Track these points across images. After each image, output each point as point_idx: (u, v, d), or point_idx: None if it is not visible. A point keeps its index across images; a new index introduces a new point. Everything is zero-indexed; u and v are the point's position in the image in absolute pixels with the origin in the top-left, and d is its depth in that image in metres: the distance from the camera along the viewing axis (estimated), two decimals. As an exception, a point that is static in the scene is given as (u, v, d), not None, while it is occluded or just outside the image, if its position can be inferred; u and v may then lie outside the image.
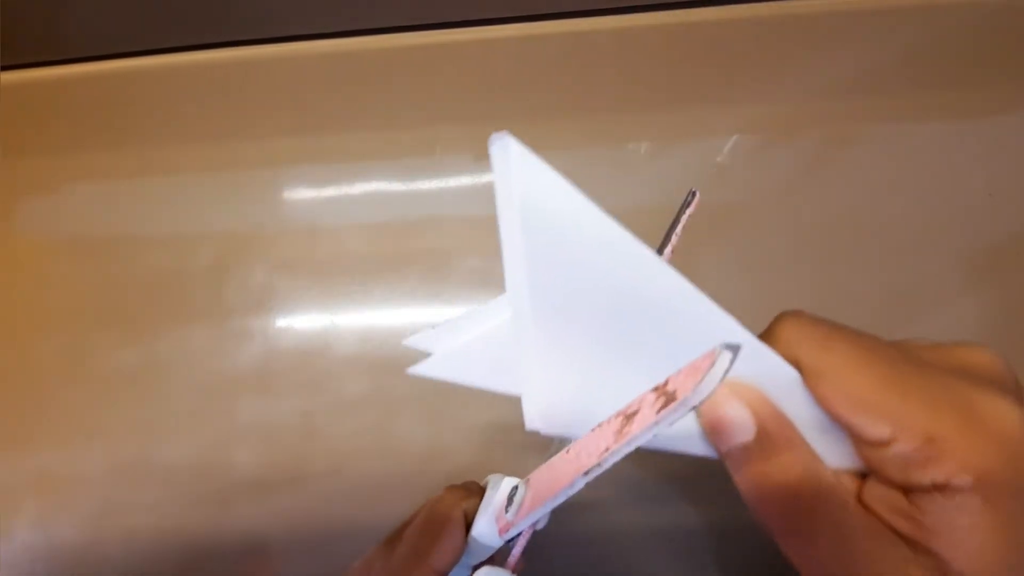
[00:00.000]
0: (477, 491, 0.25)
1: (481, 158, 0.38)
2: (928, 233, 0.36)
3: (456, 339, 0.17)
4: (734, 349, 0.13)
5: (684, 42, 0.39)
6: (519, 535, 0.20)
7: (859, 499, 0.16)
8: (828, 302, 0.35)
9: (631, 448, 0.14)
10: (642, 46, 0.39)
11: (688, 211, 0.18)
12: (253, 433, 0.35)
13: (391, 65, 0.40)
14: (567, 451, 0.17)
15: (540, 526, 0.21)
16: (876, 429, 0.15)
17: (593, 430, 0.16)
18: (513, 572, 0.21)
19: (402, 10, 0.39)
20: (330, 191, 0.39)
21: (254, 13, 0.39)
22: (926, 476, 0.14)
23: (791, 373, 0.16)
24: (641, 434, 0.14)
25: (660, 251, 0.18)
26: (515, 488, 0.21)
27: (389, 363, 0.35)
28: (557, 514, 0.33)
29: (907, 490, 0.15)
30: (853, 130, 0.37)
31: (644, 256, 0.15)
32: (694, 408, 0.13)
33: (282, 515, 0.34)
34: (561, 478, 0.16)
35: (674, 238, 0.18)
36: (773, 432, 0.16)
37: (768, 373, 0.16)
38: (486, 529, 0.22)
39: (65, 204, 0.40)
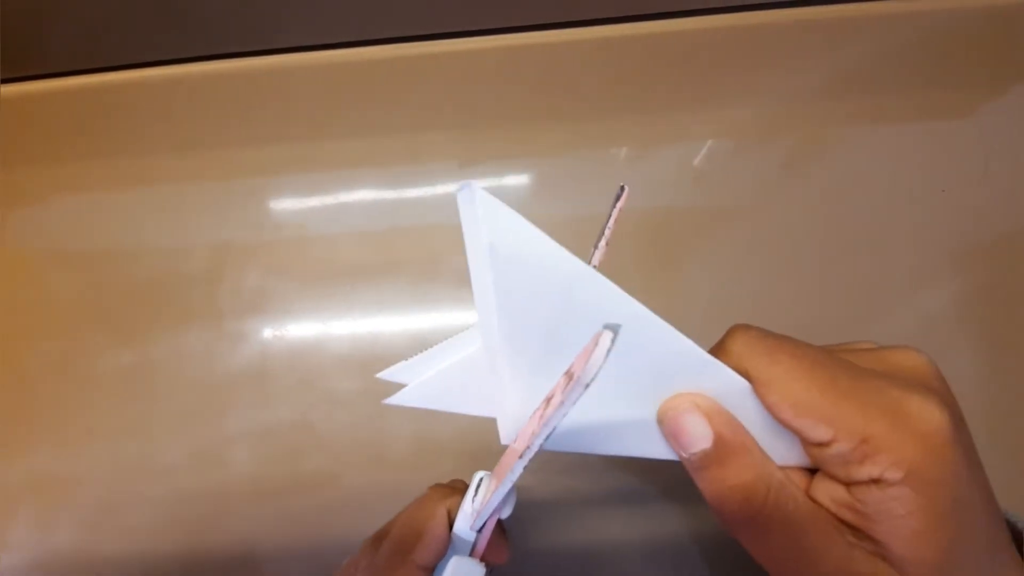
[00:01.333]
0: (461, 489, 0.25)
1: (466, 165, 0.39)
2: (900, 230, 0.37)
3: (427, 370, 0.18)
4: (614, 329, 0.14)
5: (661, 51, 0.40)
6: (483, 526, 0.21)
7: (808, 493, 0.18)
8: (803, 302, 0.36)
9: (549, 429, 0.15)
10: (621, 55, 0.40)
11: (618, 204, 0.19)
12: (249, 433, 0.36)
13: (378, 76, 0.41)
14: (514, 441, 0.18)
15: (504, 515, 0.21)
16: (817, 432, 0.16)
17: (529, 419, 0.17)
18: (481, 561, 0.21)
19: (388, 23, 0.40)
20: (319, 198, 0.40)
21: (243, 26, 0.39)
22: (863, 472, 0.16)
23: (742, 383, 0.18)
24: (554, 415, 0.15)
25: (596, 245, 0.19)
26: (481, 479, 0.21)
27: (380, 362, 0.36)
28: (549, 523, 0.34)
29: (848, 484, 0.16)
30: (823, 133, 0.39)
31: (602, 284, 0.16)
32: (587, 386, 0.14)
33: (279, 514, 0.35)
34: (507, 465, 0.18)
35: (607, 232, 0.19)
36: (728, 440, 0.17)
37: (722, 384, 0.18)
38: (463, 523, 0.22)
39: (57, 213, 0.41)
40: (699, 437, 0.17)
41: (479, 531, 0.21)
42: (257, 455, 0.36)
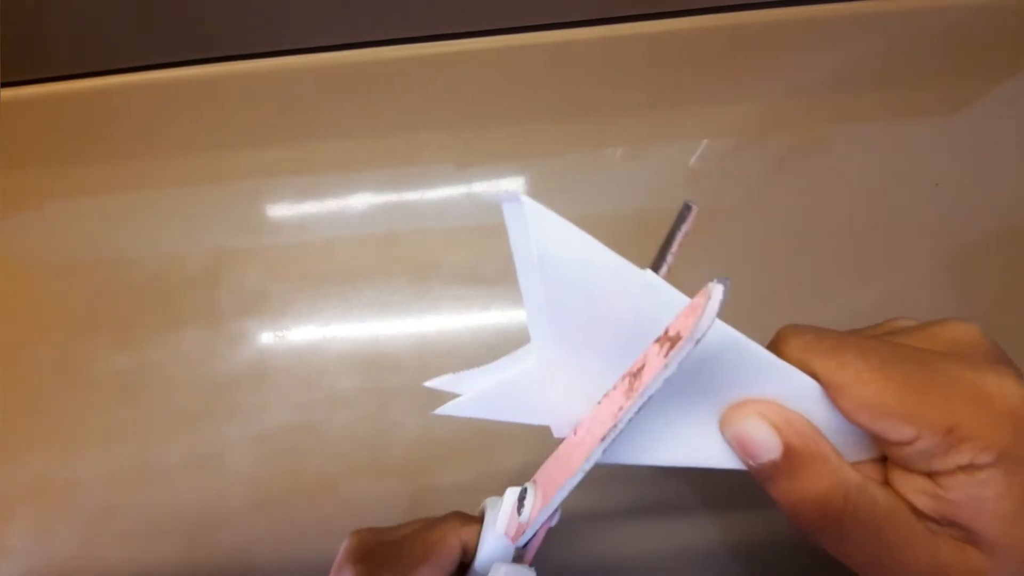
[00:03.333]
0: (476, 521, 0.24)
1: (463, 166, 0.40)
2: (895, 226, 0.37)
3: (480, 383, 0.18)
4: (725, 282, 0.14)
5: (656, 51, 0.40)
6: (533, 537, 0.20)
7: (887, 484, 0.17)
8: (801, 299, 0.36)
9: (645, 399, 0.15)
10: (617, 56, 0.40)
11: (684, 226, 0.18)
12: (249, 434, 0.36)
13: (374, 77, 0.41)
14: (574, 434, 0.18)
15: (554, 522, 0.20)
16: (900, 433, 0.16)
17: (598, 404, 0.17)
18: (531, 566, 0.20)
19: (384, 25, 0.40)
20: (318, 199, 0.40)
21: (240, 29, 0.39)
22: (950, 462, 0.15)
23: (812, 385, 0.17)
24: (653, 381, 0.14)
25: (656, 268, 0.18)
26: (523, 490, 0.20)
27: (379, 360, 0.36)
28: (571, 538, 0.34)
29: (930, 473, 0.16)
30: (818, 131, 0.39)
31: (651, 283, 0.16)
32: (697, 342, 0.13)
33: (279, 517, 0.35)
34: (573, 460, 0.17)
35: (670, 257, 0.18)
36: (798, 448, 0.17)
37: (791, 388, 0.17)
38: (495, 546, 0.21)
39: (54, 217, 0.40)
40: (767, 447, 0.17)
41: (524, 545, 0.20)
42: (257, 457, 0.35)
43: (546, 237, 0.15)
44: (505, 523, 0.21)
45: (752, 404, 0.17)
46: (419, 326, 0.37)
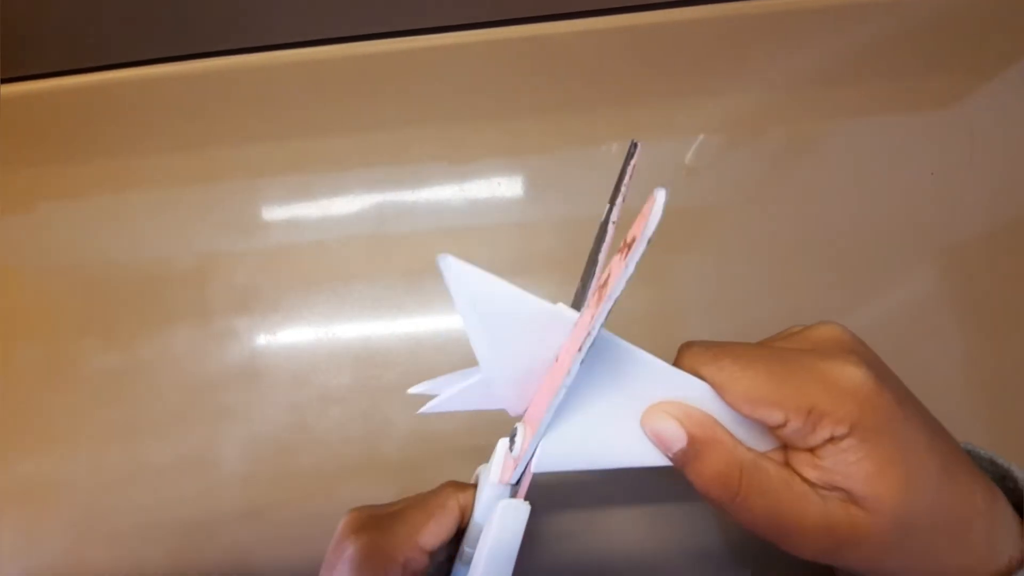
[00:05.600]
0: (471, 487, 0.25)
1: (455, 163, 0.39)
2: (890, 219, 0.37)
3: (451, 386, 0.22)
4: (665, 189, 0.17)
5: (651, 44, 0.40)
6: (525, 471, 0.22)
7: (787, 464, 0.21)
8: (797, 294, 0.36)
9: (614, 299, 0.17)
10: (611, 48, 0.40)
11: (632, 162, 0.21)
12: (239, 433, 0.36)
13: (366, 72, 0.41)
14: (555, 360, 0.20)
15: (534, 467, 0.22)
16: (772, 417, 0.19)
17: (573, 330, 0.20)
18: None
19: (375, 19, 0.40)
20: (309, 197, 0.39)
21: (232, 24, 0.39)
22: (818, 437, 0.19)
23: (702, 385, 0.21)
24: (618, 282, 0.17)
25: (611, 201, 0.21)
26: (513, 431, 0.23)
27: (371, 357, 0.36)
28: (572, 537, 0.33)
29: (812, 450, 0.20)
30: (814, 124, 0.39)
31: (560, 312, 0.20)
32: (649, 241, 0.17)
33: (272, 516, 0.35)
34: (556, 381, 0.19)
35: (623, 189, 0.21)
36: (698, 436, 0.20)
37: (693, 390, 0.21)
38: (491, 495, 0.23)
39: (43, 215, 0.40)
40: (676, 438, 0.20)
41: (518, 482, 0.23)
42: (249, 456, 0.35)
43: (475, 286, 0.19)
44: (499, 471, 0.23)
45: (661, 405, 0.21)
46: (411, 323, 0.37)
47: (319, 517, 0.35)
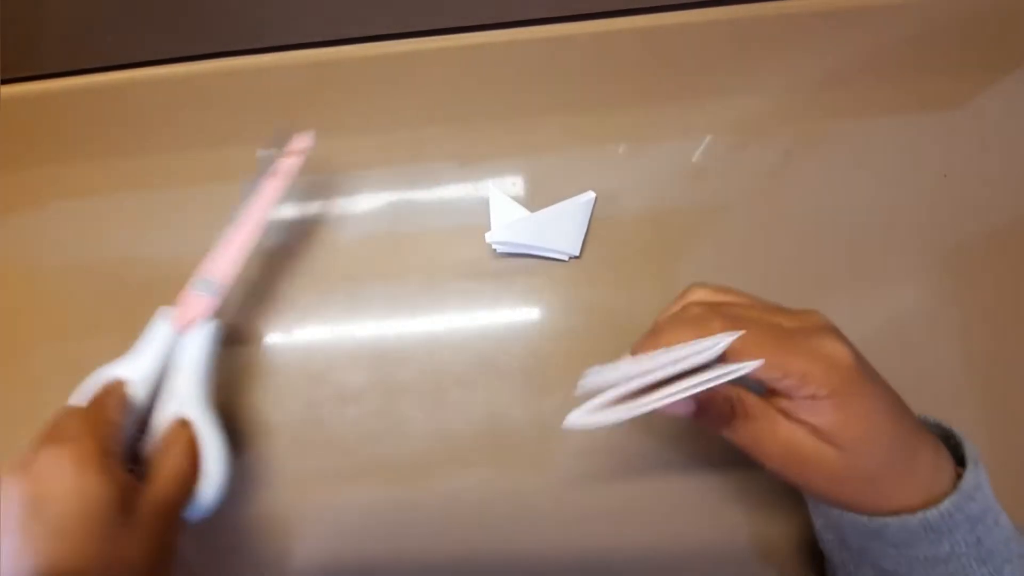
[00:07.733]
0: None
1: (466, 163, 0.40)
2: (901, 220, 0.38)
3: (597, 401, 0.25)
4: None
5: (660, 45, 0.40)
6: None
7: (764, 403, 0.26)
8: (805, 293, 0.36)
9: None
10: (620, 50, 0.41)
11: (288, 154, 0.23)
12: (256, 431, 0.36)
13: (379, 72, 0.41)
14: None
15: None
16: (773, 376, 0.25)
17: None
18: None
19: (384, 19, 0.40)
20: (322, 196, 0.40)
21: (241, 24, 0.39)
22: (803, 392, 0.24)
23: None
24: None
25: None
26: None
27: (387, 354, 0.37)
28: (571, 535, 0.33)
29: (793, 398, 0.25)
30: (822, 125, 0.39)
31: None
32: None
33: (286, 512, 0.35)
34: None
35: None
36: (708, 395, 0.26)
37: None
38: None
39: (55, 216, 0.41)
40: (685, 404, 0.27)
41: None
42: (264, 454, 0.36)
43: None
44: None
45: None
46: (426, 321, 0.37)
47: (335, 511, 0.35)
